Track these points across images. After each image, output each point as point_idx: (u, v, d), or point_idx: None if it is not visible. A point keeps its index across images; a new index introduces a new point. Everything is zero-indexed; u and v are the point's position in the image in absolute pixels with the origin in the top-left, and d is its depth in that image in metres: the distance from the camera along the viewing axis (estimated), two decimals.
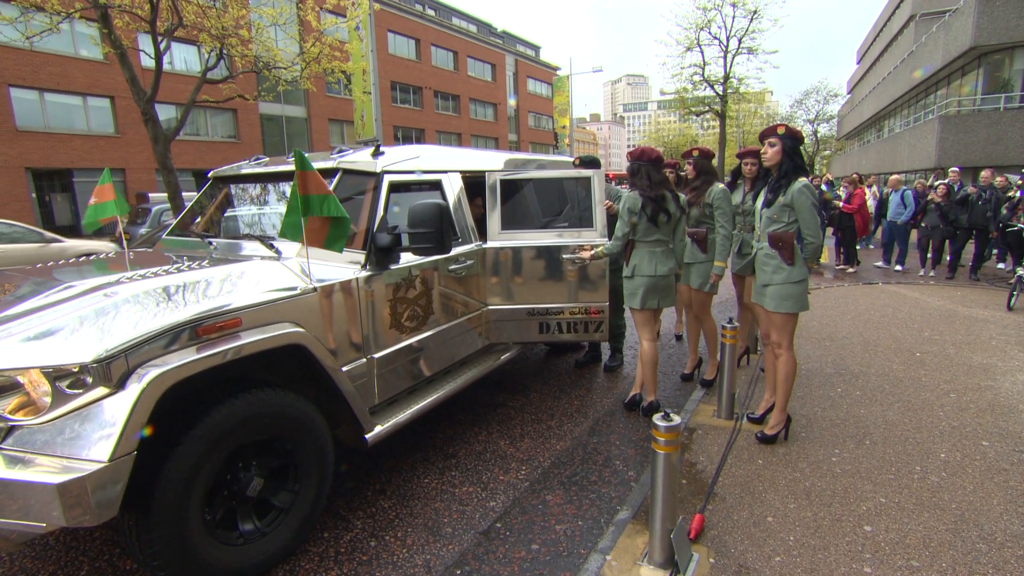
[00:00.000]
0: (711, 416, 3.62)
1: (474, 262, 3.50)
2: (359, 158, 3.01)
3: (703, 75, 26.67)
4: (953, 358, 4.70)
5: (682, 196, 3.75)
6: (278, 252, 2.65)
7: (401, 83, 30.32)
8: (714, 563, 2.24)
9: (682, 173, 4.54)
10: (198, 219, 3.45)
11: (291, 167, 2.87)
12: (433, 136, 32.78)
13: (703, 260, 3.93)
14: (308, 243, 2.42)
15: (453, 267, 3.30)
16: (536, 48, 46.91)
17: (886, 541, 2.36)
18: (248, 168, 3.38)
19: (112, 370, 1.80)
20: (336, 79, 12.90)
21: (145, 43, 9.55)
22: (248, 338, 2.12)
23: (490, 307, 3.68)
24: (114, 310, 1.94)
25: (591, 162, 4.31)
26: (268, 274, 2.40)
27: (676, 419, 2.09)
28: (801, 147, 3.13)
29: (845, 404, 3.78)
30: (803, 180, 3.02)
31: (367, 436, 2.60)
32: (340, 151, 3.15)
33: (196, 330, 1.98)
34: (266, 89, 12.47)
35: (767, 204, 3.13)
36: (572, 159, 4.77)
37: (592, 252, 3.56)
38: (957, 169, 9.72)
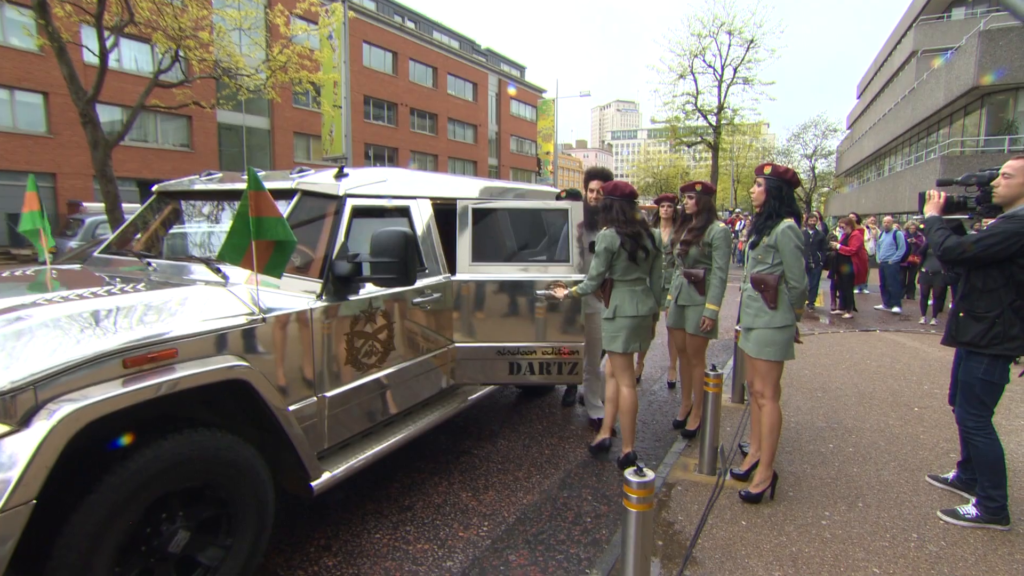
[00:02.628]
0: (692, 471, 3.64)
1: (441, 295, 3.53)
2: (321, 180, 3.05)
3: (696, 104, 27.62)
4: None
5: (656, 232, 3.91)
6: (225, 277, 2.64)
7: (375, 98, 30.76)
8: None
9: (679, 207, 4.68)
10: (138, 236, 3.43)
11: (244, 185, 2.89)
12: (407, 156, 33.13)
13: (700, 303, 3.98)
14: (246, 266, 2.43)
15: (418, 300, 3.32)
16: (521, 68, 48.21)
17: None
18: (198, 184, 3.39)
19: (17, 404, 1.74)
20: (304, 90, 13.06)
21: (90, 38, 9.48)
22: (184, 371, 2.10)
23: (457, 344, 3.69)
24: (27, 335, 1.90)
25: (577, 195, 4.43)
26: (212, 301, 2.39)
27: (649, 474, 2.11)
28: (793, 188, 3.26)
29: (837, 461, 3.84)
30: (788, 221, 3.15)
31: (313, 484, 2.56)
32: (300, 171, 3.19)
33: (123, 361, 1.95)
34: (225, 97, 12.52)
35: (752, 245, 3.27)
36: (557, 190, 4.88)
37: (567, 291, 3.63)
38: (922, 215, 10.20)
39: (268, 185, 2.83)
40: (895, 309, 9.96)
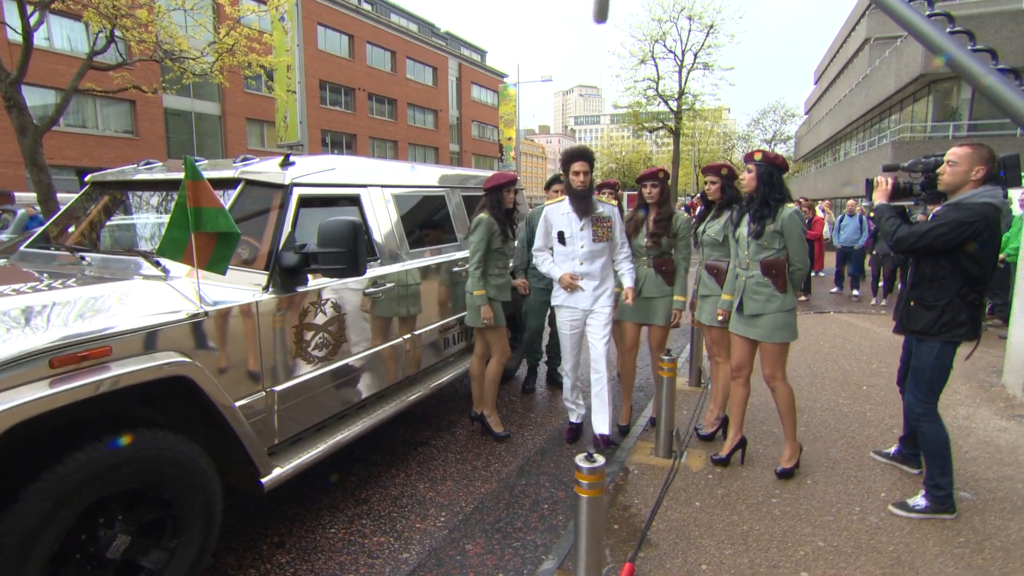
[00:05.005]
0: (648, 454, 3.73)
1: (395, 284, 3.50)
2: (265, 168, 2.98)
3: (657, 89, 27.94)
4: (899, 392, 5.05)
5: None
6: (165, 271, 2.57)
7: (331, 83, 30.09)
8: None
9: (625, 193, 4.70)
10: (71, 229, 3.29)
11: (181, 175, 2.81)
12: (366, 142, 32.58)
13: (669, 293, 3.91)
14: (188, 262, 2.36)
15: (370, 290, 3.29)
16: (482, 52, 47.80)
17: None
18: (136, 174, 3.27)
19: None
20: (255, 74, 12.66)
21: (12, 13, 8.92)
22: (120, 370, 2.03)
23: (416, 332, 3.69)
24: None
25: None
26: (150, 296, 2.32)
27: (600, 460, 2.15)
28: (783, 173, 3.35)
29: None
30: (792, 206, 3.26)
31: (263, 480, 2.53)
32: (244, 159, 3.11)
33: (50, 361, 1.88)
34: (170, 81, 11.99)
35: (757, 234, 3.29)
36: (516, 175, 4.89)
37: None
38: (869, 202, 10.58)
39: (210, 175, 2.75)
40: (855, 292, 10.31)
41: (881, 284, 9.77)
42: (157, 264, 2.61)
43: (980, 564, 2.63)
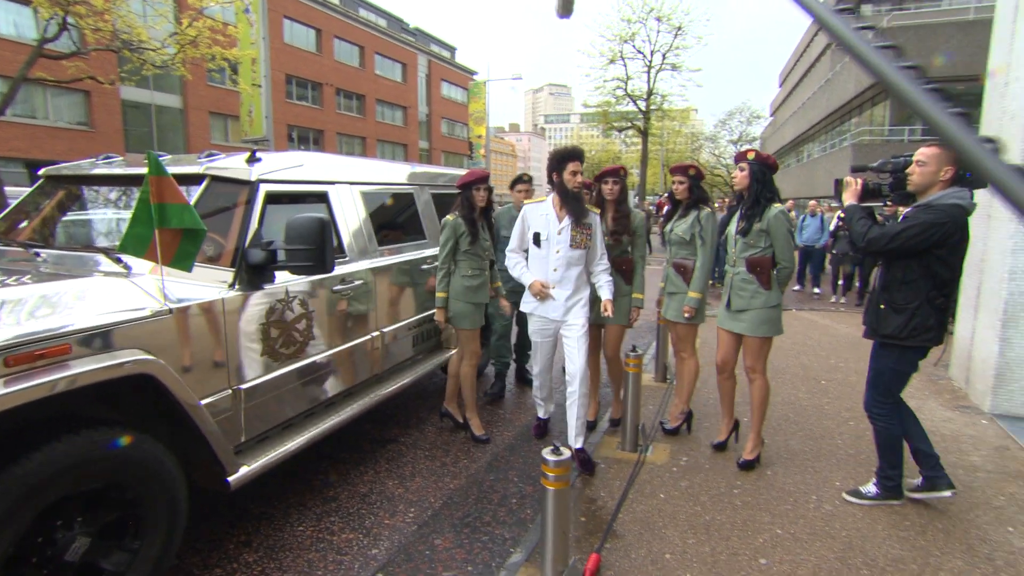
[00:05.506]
0: (615, 448, 3.81)
1: (363, 282, 3.51)
2: (231, 164, 2.96)
3: (626, 89, 28.29)
4: (855, 386, 5.25)
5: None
6: (127, 268, 2.53)
7: (298, 77, 29.62)
8: None
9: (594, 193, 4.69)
10: (22, 225, 3.21)
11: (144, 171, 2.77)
12: (334, 139, 32.17)
13: (628, 292, 3.92)
14: (151, 258, 2.34)
15: (338, 287, 3.29)
16: (452, 49, 47.63)
17: (779, 572, 2.59)
18: (95, 168, 3.20)
19: None
20: (219, 67, 12.40)
21: None
22: (79, 368, 2.01)
23: (384, 330, 3.70)
24: None
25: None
26: (111, 293, 2.29)
27: (566, 453, 2.21)
28: (773, 173, 3.45)
29: (740, 434, 4.12)
30: (779, 206, 3.36)
31: (230, 479, 2.52)
32: (210, 155, 3.08)
33: (5, 359, 1.84)
34: (128, 72, 11.64)
35: (744, 232, 3.40)
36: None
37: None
38: (839, 202, 10.98)
39: (174, 170, 2.71)
40: (816, 290, 10.67)
41: (840, 283, 10.12)
42: (118, 260, 2.57)
43: (923, 545, 2.78)
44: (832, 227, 10.20)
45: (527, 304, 3.63)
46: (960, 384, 5.14)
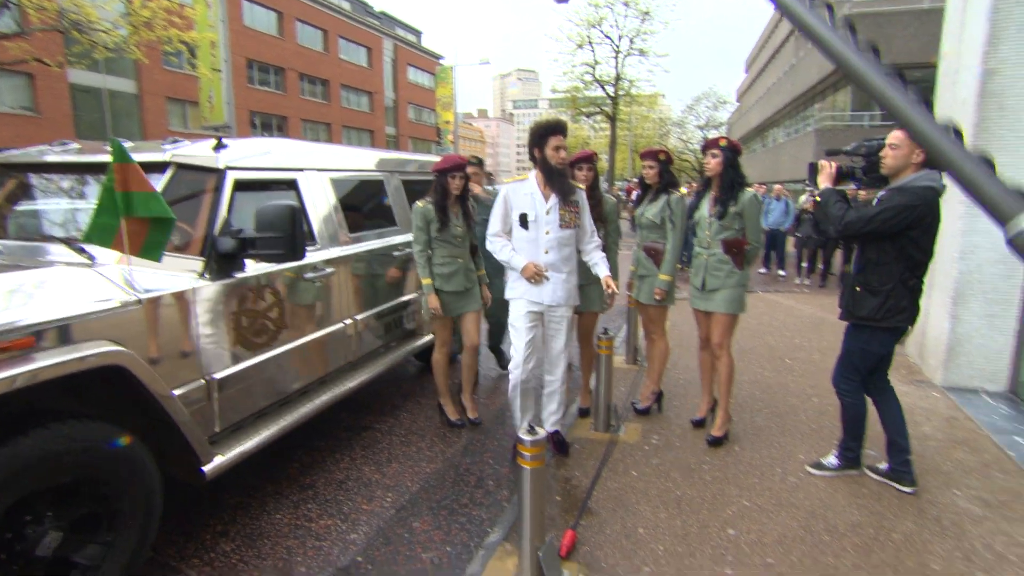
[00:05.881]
0: (588, 429, 3.91)
1: (334, 269, 3.50)
2: (197, 151, 2.92)
3: (594, 75, 28.38)
4: (818, 364, 5.45)
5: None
6: (91, 258, 2.48)
7: (260, 62, 28.86)
8: None
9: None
10: None
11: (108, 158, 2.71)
12: (298, 125, 31.51)
13: (596, 279, 3.78)
14: (118, 248, 2.30)
15: (310, 275, 3.28)
16: (418, 33, 46.93)
17: (746, 542, 2.71)
18: (49, 155, 3.12)
19: None
20: (175, 50, 12.02)
21: None
22: (45, 361, 1.98)
23: (357, 317, 3.71)
24: None
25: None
26: (76, 284, 2.25)
27: (541, 432, 2.27)
28: (739, 157, 3.61)
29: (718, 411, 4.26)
30: (751, 190, 3.53)
31: (204, 469, 2.51)
32: (174, 142, 3.03)
33: None
34: (77, 54, 11.15)
35: (720, 215, 3.55)
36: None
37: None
38: (813, 186, 11.30)
39: (137, 158, 2.66)
40: (781, 272, 10.98)
41: (804, 265, 10.43)
42: (81, 251, 2.52)
43: (879, 510, 2.94)
44: (797, 210, 10.50)
45: (514, 289, 3.41)
46: (915, 360, 5.39)
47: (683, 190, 4.20)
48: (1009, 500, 3.05)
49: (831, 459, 3.35)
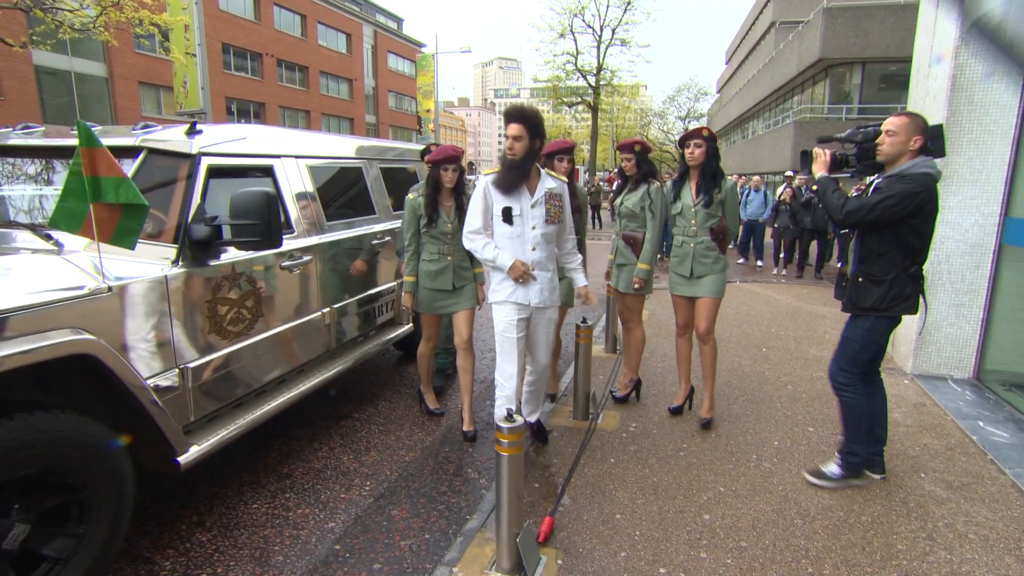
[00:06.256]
0: (567, 417, 3.94)
1: (312, 257, 3.47)
2: (170, 136, 2.86)
3: (576, 64, 28.33)
4: (793, 352, 5.56)
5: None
6: (59, 244, 2.43)
7: (236, 47, 28.30)
8: (562, 564, 2.48)
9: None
10: None
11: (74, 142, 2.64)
12: (276, 112, 31.02)
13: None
14: (87, 234, 2.26)
15: (287, 263, 3.25)
16: (398, 20, 46.40)
17: (721, 527, 2.77)
18: (11, 139, 3.03)
19: None
20: (146, 32, 11.72)
21: None
22: (12, 349, 1.94)
23: (335, 306, 3.69)
24: None
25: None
26: (43, 271, 2.20)
27: (519, 419, 2.29)
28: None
29: (696, 399, 4.32)
30: (731, 179, 3.65)
31: (179, 459, 2.49)
32: (145, 126, 2.96)
33: None
34: (42, 35, 10.78)
35: (707, 203, 3.64)
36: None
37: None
38: (806, 174, 11.45)
39: (106, 142, 2.60)
40: (759, 263, 11.13)
41: (782, 255, 10.58)
42: (48, 237, 2.47)
43: (849, 494, 3.02)
44: (775, 201, 10.64)
45: (499, 292, 3.11)
46: (887, 348, 5.51)
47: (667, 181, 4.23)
48: (970, 482, 3.16)
49: (832, 467, 3.12)
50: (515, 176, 3.02)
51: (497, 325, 3.15)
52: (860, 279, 2.90)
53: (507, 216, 3.05)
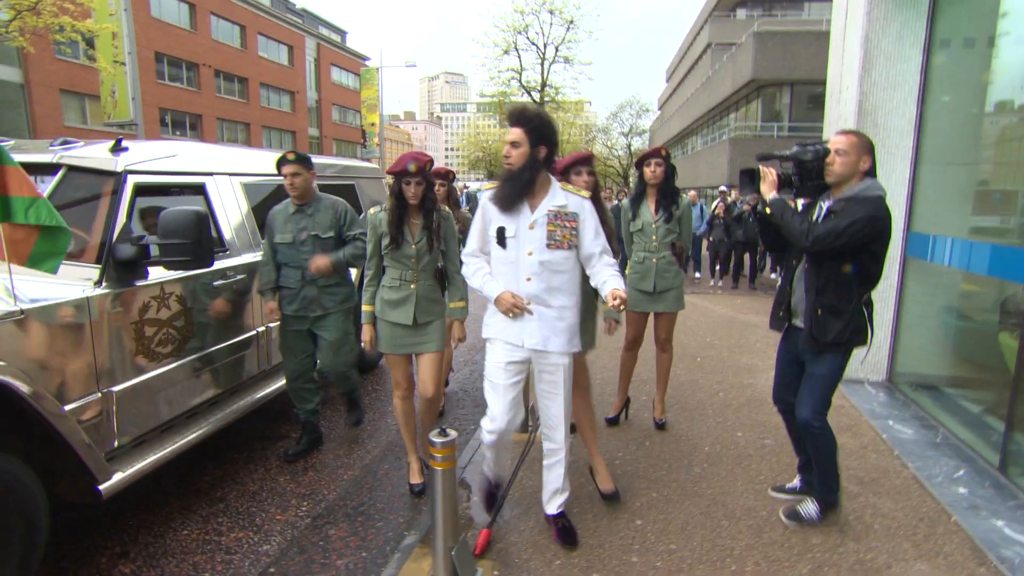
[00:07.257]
0: None
1: (245, 276, 3.43)
2: (92, 154, 2.80)
3: (520, 81, 28.77)
4: (726, 360, 5.81)
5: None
6: None
7: (170, 56, 27.41)
8: (498, 575, 2.53)
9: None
10: None
11: None
12: (214, 124, 30.13)
13: None
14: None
15: (219, 282, 3.21)
16: (342, 33, 46.03)
17: (652, 531, 2.88)
18: None
19: None
20: (68, 39, 11.23)
21: None
22: None
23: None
24: None
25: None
26: None
27: (452, 434, 2.34)
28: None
29: (632, 408, 4.46)
30: (687, 196, 3.85)
31: (100, 488, 2.41)
32: (65, 142, 2.89)
33: None
34: None
35: (667, 219, 3.84)
36: (374, 166, 4.90)
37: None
38: (751, 194, 12.02)
39: (19, 159, 2.53)
40: (697, 275, 11.59)
41: (718, 268, 11.05)
42: None
43: (772, 495, 3.20)
44: (710, 215, 11.12)
45: (490, 327, 2.66)
46: None
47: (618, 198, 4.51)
48: (878, 477, 3.40)
49: (809, 508, 2.91)
50: (510, 190, 2.50)
51: (486, 368, 2.69)
52: (819, 311, 2.65)
53: (500, 237, 2.55)
